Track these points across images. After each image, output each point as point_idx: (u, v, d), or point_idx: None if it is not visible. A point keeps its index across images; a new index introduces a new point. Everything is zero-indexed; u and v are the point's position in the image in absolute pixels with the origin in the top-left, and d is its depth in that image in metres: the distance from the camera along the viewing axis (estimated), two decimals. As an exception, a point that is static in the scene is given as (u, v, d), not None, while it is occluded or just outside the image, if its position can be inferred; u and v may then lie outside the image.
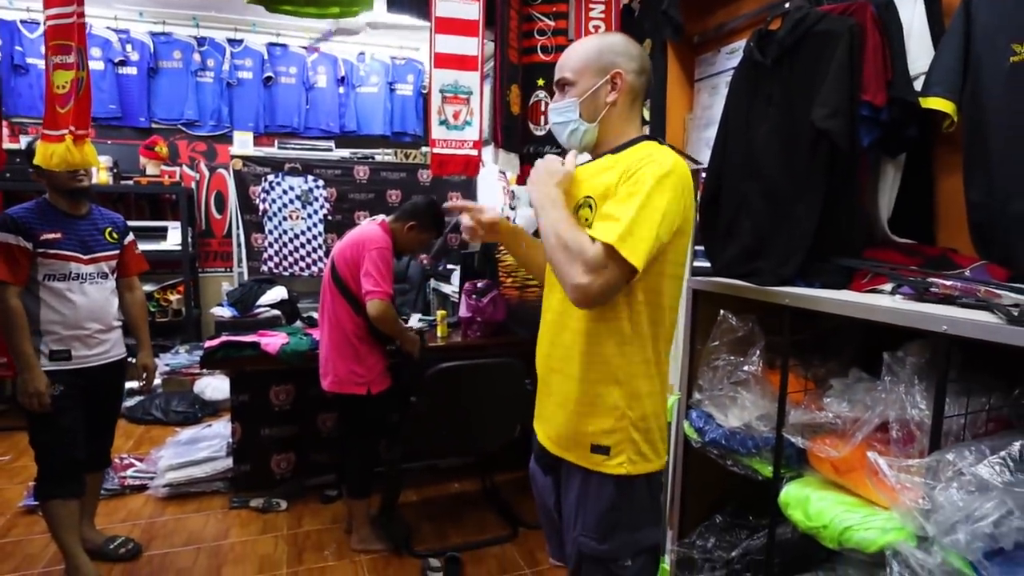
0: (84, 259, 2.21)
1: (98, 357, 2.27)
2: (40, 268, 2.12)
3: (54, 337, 2.16)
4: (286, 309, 3.39)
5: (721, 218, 1.67)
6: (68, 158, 1.99)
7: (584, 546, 1.31)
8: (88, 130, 2.04)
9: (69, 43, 1.94)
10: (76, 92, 1.96)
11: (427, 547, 2.63)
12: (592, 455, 1.28)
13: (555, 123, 1.37)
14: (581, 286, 1.13)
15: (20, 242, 2.07)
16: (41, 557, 2.51)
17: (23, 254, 2.08)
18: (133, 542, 2.57)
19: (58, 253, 2.14)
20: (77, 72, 1.96)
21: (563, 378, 1.32)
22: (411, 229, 2.54)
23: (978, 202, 1.31)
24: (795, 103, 1.46)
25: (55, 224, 2.16)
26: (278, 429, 3.06)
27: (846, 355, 1.46)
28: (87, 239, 2.24)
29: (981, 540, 0.94)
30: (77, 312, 2.19)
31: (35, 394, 2.08)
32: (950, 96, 1.34)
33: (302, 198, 4.64)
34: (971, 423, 1.11)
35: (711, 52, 2.24)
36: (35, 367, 2.08)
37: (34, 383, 2.07)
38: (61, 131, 1.96)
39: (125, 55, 4.78)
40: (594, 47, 1.33)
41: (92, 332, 2.24)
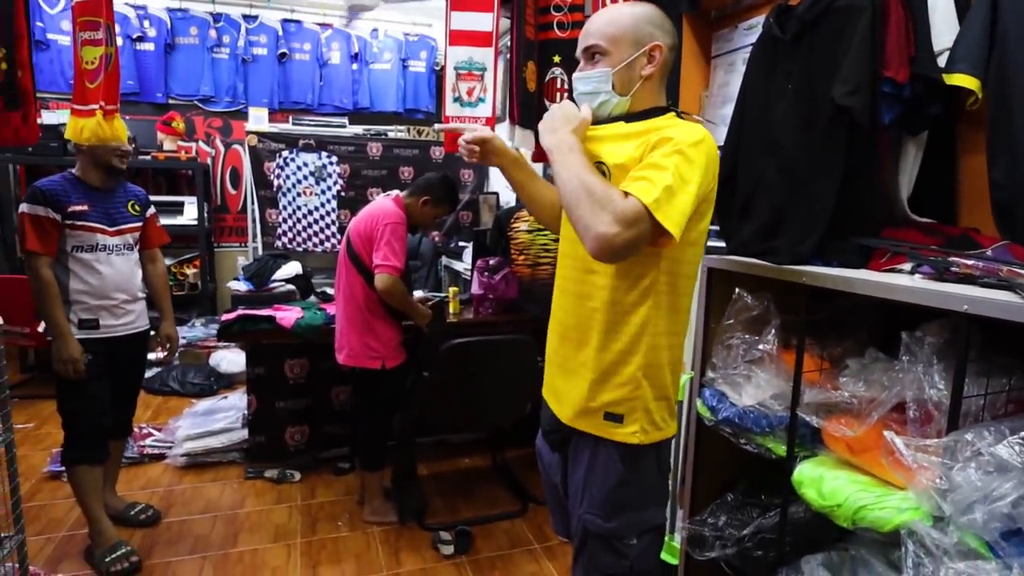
0: (110, 231, 2.26)
1: (124, 327, 2.33)
2: (68, 239, 2.17)
3: (82, 306, 2.21)
4: (300, 284, 3.42)
5: (737, 196, 1.65)
6: (99, 132, 2.02)
7: (590, 523, 1.31)
8: (117, 105, 2.07)
9: (98, 19, 1.95)
10: (105, 67, 1.98)
11: (438, 521, 2.67)
12: (604, 423, 1.28)
13: (582, 92, 1.30)
14: (607, 236, 1.06)
15: (49, 213, 2.11)
16: (65, 521, 2.58)
17: (52, 225, 2.12)
18: (153, 508, 2.63)
19: (85, 225, 2.19)
20: (106, 48, 1.97)
21: (580, 347, 1.30)
22: (425, 204, 2.55)
23: (1002, 181, 1.28)
24: (815, 80, 1.43)
25: (82, 197, 2.20)
26: (292, 402, 3.10)
27: (863, 335, 1.44)
28: (112, 212, 2.28)
29: (998, 520, 0.94)
30: (104, 282, 2.24)
31: (69, 361, 2.13)
32: (975, 73, 1.31)
33: (316, 174, 4.65)
34: (990, 404, 1.10)
35: (728, 28, 2.20)
36: (68, 335, 2.13)
37: (68, 350, 2.12)
38: (91, 106, 1.99)
39: (143, 31, 4.79)
40: (630, 16, 1.28)
41: (119, 302, 2.29)
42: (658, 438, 1.29)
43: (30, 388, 4.19)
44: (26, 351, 4.41)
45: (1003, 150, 1.28)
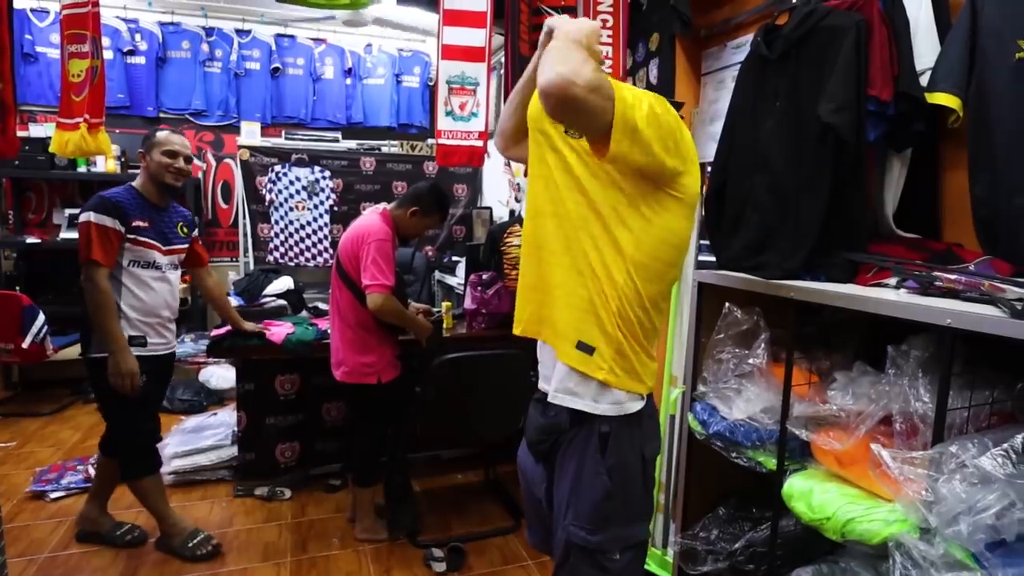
0: (163, 249, 2.30)
1: (165, 346, 2.37)
2: (126, 253, 2.18)
3: (131, 323, 2.22)
4: (292, 299, 3.41)
5: (727, 211, 1.68)
6: (83, 146, 2.02)
7: (574, 536, 1.30)
8: (102, 119, 2.07)
9: (84, 32, 1.96)
10: (91, 80, 1.98)
11: (430, 537, 2.65)
12: (575, 351, 1.25)
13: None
14: (567, 77, 1.00)
15: (116, 225, 2.12)
16: (47, 542, 2.54)
17: (117, 237, 2.13)
18: (139, 529, 2.60)
19: (145, 241, 2.21)
20: (92, 61, 1.98)
21: (565, 281, 1.27)
22: (414, 214, 2.54)
23: (983, 197, 1.31)
24: (801, 98, 1.46)
25: (143, 212, 2.22)
26: (283, 418, 3.09)
27: (850, 348, 1.46)
28: (166, 231, 2.32)
29: (983, 531, 0.95)
30: (154, 299, 2.27)
31: (128, 374, 2.12)
32: (956, 92, 1.35)
33: (308, 189, 4.66)
34: (974, 416, 1.12)
35: (718, 47, 2.24)
36: (126, 348, 2.13)
37: (128, 363, 2.12)
38: (76, 119, 1.98)
39: (134, 44, 4.79)
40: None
41: (164, 320, 2.34)
42: (628, 387, 1.26)
43: (13, 406, 4.14)
44: (10, 368, 4.37)
45: (983, 167, 1.31)
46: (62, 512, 2.79)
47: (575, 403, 1.28)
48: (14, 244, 4.43)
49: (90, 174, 4.49)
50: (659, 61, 2.19)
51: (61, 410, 4.12)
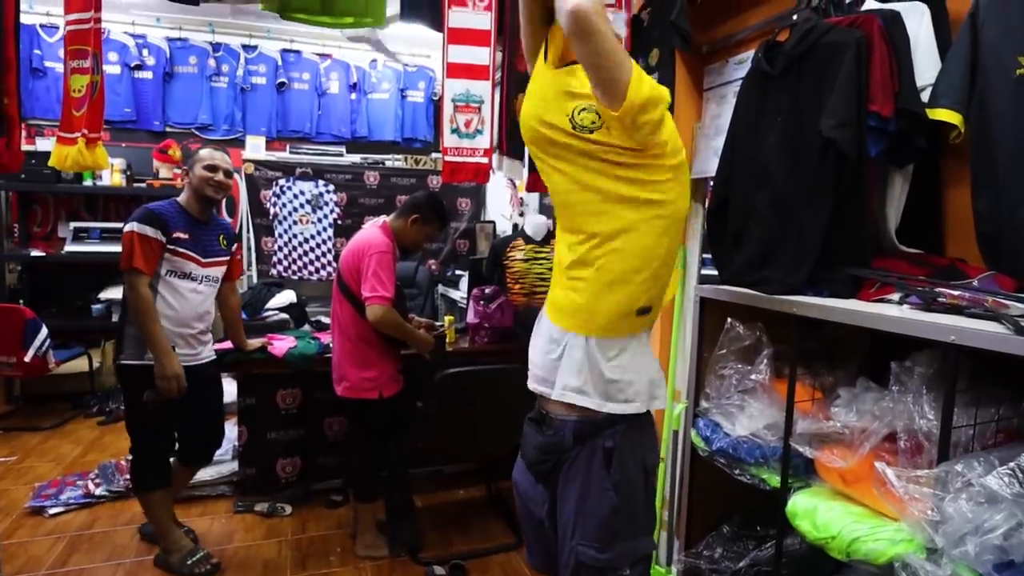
0: (202, 261, 2.34)
1: (195, 357, 2.38)
2: (164, 263, 2.24)
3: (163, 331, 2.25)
4: (295, 313, 3.41)
5: (729, 226, 1.67)
6: (80, 160, 2.04)
7: (584, 555, 1.29)
8: (100, 133, 2.09)
9: (86, 48, 1.98)
10: (90, 96, 1.99)
11: (432, 554, 2.62)
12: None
13: None
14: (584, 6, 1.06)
15: (158, 235, 2.19)
16: (45, 560, 2.52)
17: (159, 247, 2.20)
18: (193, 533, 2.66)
19: (184, 252, 2.27)
20: (92, 76, 2.00)
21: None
22: (415, 223, 2.53)
23: (985, 212, 1.30)
24: (803, 113, 1.47)
25: (184, 224, 2.29)
26: (284, 433, 3.07)
27: (854, 364, 1.45)
28: (206, 243, 2.37)
29: (991, 552, 0.94)
30: (187, 310, 2.30)
31: (174, 376, 2.18)
32: (957, 108, 1.34)
33: (312, 203, 4.68)
34: (980, 434, 1.11)
35: (720, 62, 2.25)
36: (170, 351, 2.19)
37: (172, 366, 2.18)
38: (75, 134, 1.99)
39: (141, 60, 4.85)
40: None
41: (196, 332, 2.36)
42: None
43: (14, 420, 4.13)
44: (11, 381, 4.37)
45: (986, 182, 1.31)
46: (60, 528, 2.77)
47: (583, 401, 1.27)
48: (18, 257, 4.46)
49: (96, 188, 4.52)
50: (658, 76, 2.20)
51: (62, 424, 4.11)
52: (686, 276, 2.33)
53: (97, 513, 2.93)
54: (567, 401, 1.28)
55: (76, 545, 2.64)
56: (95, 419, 4.21)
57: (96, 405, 4.34)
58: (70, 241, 4.50)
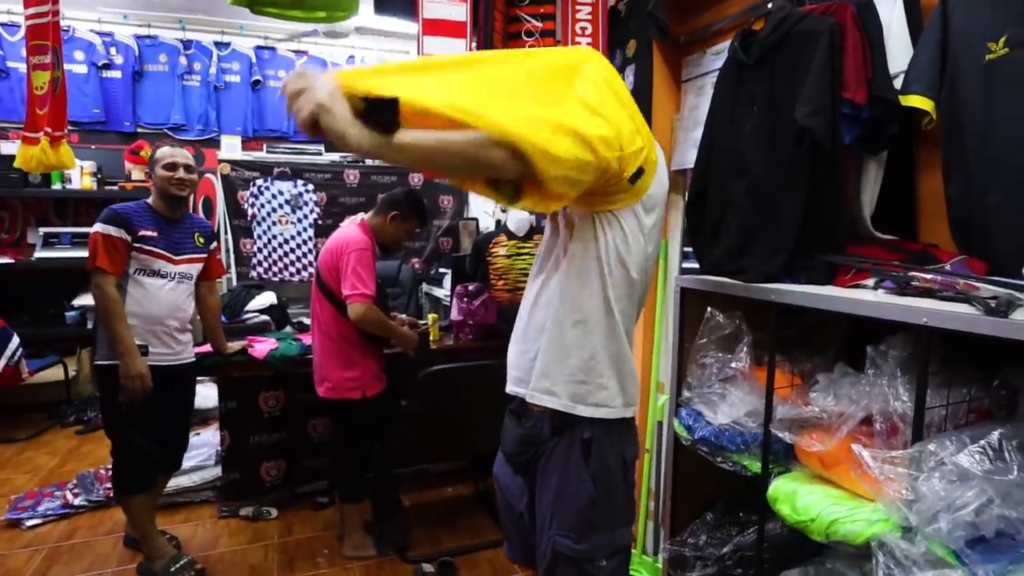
0: (173, 259, 2.34)
1: (172, 356, 2.36)
2: (133, 262, 2.25)
3: (133, 331, 2.23)
4: (275, 314, 3.37)
5: (708, 217, 1.68)
6: (43, 160, 1.99)
7: (560, 545, 1.29)
8: (64, 131, 2.04)
9: (45, 43, 1.93)
10: (52, 93, 1.95)
11: (420, 552, 2.62)
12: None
13: None
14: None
15: (122, 235, 2.20)
16: (23, 572, 2.47)
17: (123, 245, 2.20)
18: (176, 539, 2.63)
19: (151, 250, 2.27)
20: (53, 72, 1.95)
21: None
22: (394, 220, 2.52)
23: (957, 197, 1.33)
24: (778, 102, 1.48)
25: (152, 223, 2.29)
26: (267, 436, 3.04)
27: (831, 350, 1.47)
28: (177, 242, 2.37)
29: (963, 528, 0.95)
30: (158, 308, 2.30)
31: (137, 375, 2.17)
32: (929, 94, 1.36)
33: (291, 202, 4.63)
34: (953, 414, 1.13)
35: (697, 53, 2.26)
36: (135, 351, 2.17)
37: (136, 365, 2.17)
38: (38, 133, 1.95)
39: (109, 58, 4.76)
40: None
41: (170, 330, 2.34)
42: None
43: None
44: (-11, 389, 4.28)
45: (957, 168, 1.33)
46: (39, 540, 2.72)
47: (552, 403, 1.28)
48: (-13, 265, 4.36)
49: (65, 191, 4.43)
50: (636, 67, 2.20)
51: (38, 435, 4.03)
52: (667, 269, 2.35)
53: (76, 524, 2.88)
54: (537, 403, 1.31)
55: (55, 557, 2.59)
56: (72, 428, 4.13)
57: (73, 414, 4.26)
58: (40, 247, 4.39)
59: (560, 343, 1.28)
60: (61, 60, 2.08)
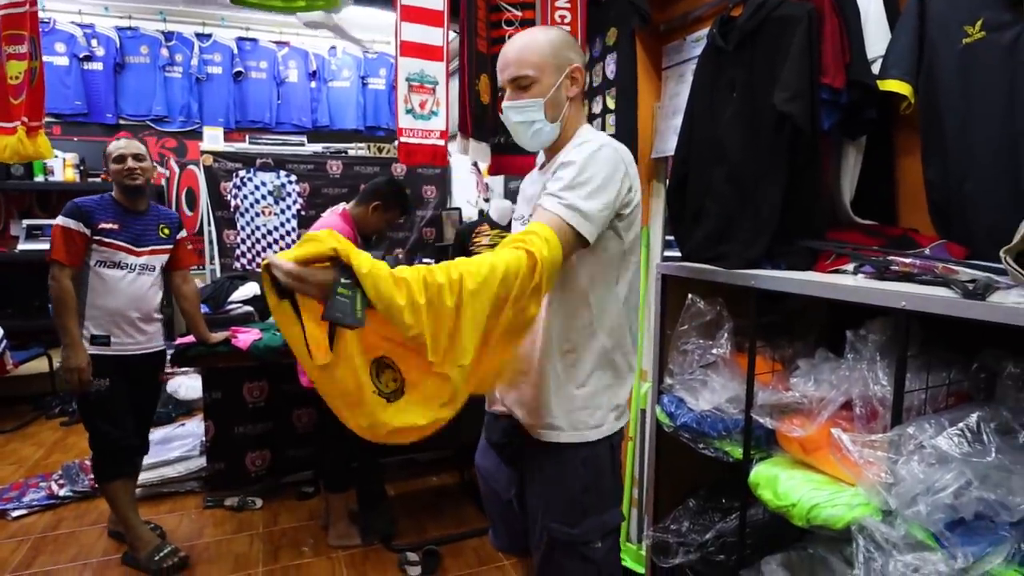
0: (135, 251, 2.35)
1: (136, 346, 2.38)
2: (93, 254, 2.27)
3: (96, 322, 2.29)
4: (259, 305, 3.34)
5: (689, 204, 1.68)
6: (20, 150, 1.98)
7: (556, 532, 1.31)
8: (41, 122, 2.02)
9: (22, 32, 1.90)
10: (29, 83, 1.92)
11: (405, 541, 2.62)
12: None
13: (517, 122, 1.32)
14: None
15: (80, 228, 2.22)
16: (9, 562, 2.46)
17: (81, 239, 2.23)
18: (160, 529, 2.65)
19: (111, 243, 2.28)
20: (30, 62, 1.92)
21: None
22: (376, 210, 2.50)
23: (936, 181, 1.33)
24: (757, 88, 1.47)
25: (114, 216, 2.31)
26: (252, 426, 3.03)
27: (812, 335, 1.47)
28: (140, 234, 2.38)
29: (942, 511, 0.96)
30: (120, 299, 2.32)
31: (75, 369, 2.20)
32: (907, 78, 1.36)
33: (274, 193, 4.58)
34: (932, 398, 1.13)
35: (678, 40, 2.25)
36: (78, 344, 2.21)
37: (75, 359, 2.20)
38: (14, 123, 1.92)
39: (90, 50, 4.69)
40: (548, 42, 1.30)
41: (133, 320, 2.36)
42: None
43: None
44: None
45: (935, 152, 1.33)
46: (24, 531, 2.71)
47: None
48: (-31, 258, 4.30)
49: (48, 183, 4.38)
50: (616, 56, 2.18)
51: (23, 427, 4.00)
52: (649, 256, 2.34)
53: (62, 514, 2.87)
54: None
55: (41, 547, 2.58)
56: (57, 420, 4.11)
57: (58, 406, 4.23)
58: (23, 239, 4.36)
59: (554, 377, 1.30)
60: (39, 51, 2.06)
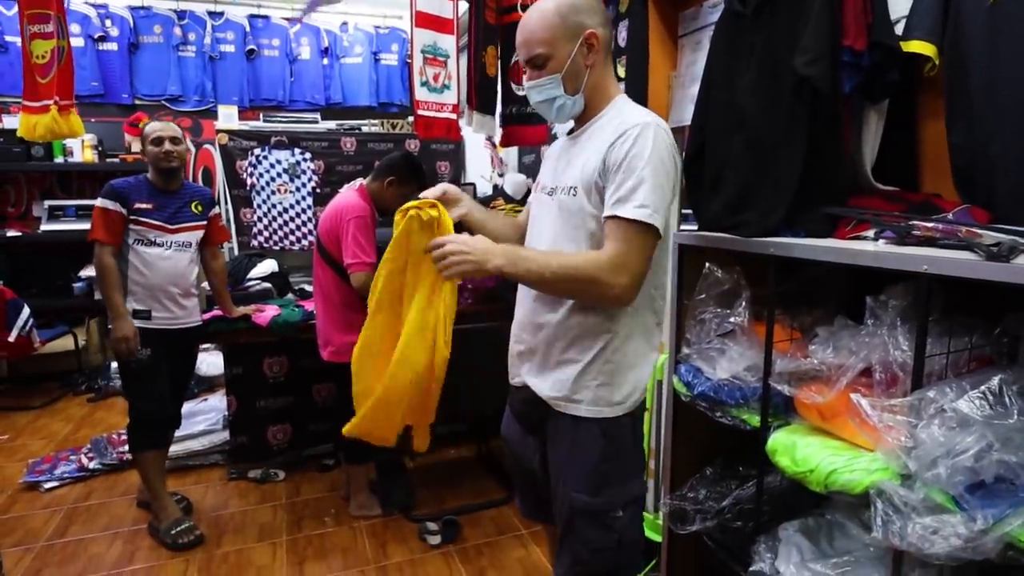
0: (170, 228, 2.44)
1: (175, 320, 2.48)
2: (131, 233, 2.37)
3: (136, 297, 2.39)
4: (277, 282, 3.38)
5: (707, 172, 1.65)
6: (55, 128, 2.01)
7: (577, 501, 1.32)
8: (72, 100, 2.05)
9: (47, 12, 1.91)
10: (57, 61, 1.93)
11: (425, 512, 2.66)
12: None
13: (538, 102, 1.33)
14: (618, 294, 1.21)
15: (118, 207, 2.33)
16: (43, 531, 2.54)
17: (119, 218, 2.33)
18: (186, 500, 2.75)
19: (147, 221, 2.38)
20: (57, 41, 1.93)
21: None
22: (391, 184, 2.50)
23: (960, 144, 1.30)
24: (777, 52, 1.43)
25: (148, 196, 2.41)
26: (273, 400, 3.08)
27: (832, 303, 1.46)
28: (175, 212, 2.46)
29: (962, 474, 0.95)
30: (158, 275, 2.41)
31: (123, 339, 2.31)
32: (931, 39, 1.33)
33: (289, 171, 4.59)
34: (953, 363, 1.12)
35: (694, 7, 2.21)
36: (124, 315, 2.32)
37: (122, 329, 2.31)
38: (44, 102, 1.94)
39: (105, 31, 4.70)
40: (554, 11, 1.27)
41: (172, 295, 2.45)
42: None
43: (3, 400, 4.12)
44: (-1, 362, 4.34)
45: (960, 114, 1.30)
46: (56, 502, 2.79)
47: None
48: (-6, 238, 4.38)
49: (67, 164, 4.43)
50: (628, 23, 2.14)
51: (52, 403, 4.10)
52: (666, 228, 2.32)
53: (92, 486, 2.95)
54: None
55: (73, 517, 2.66)
56: (84, 396, 4.21)
57: (84, 383, 4.33)
58: (46, 220, 4.42)
59: (578, 353, 1.33)
60: (66, 29, 2.09)
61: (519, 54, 1.32)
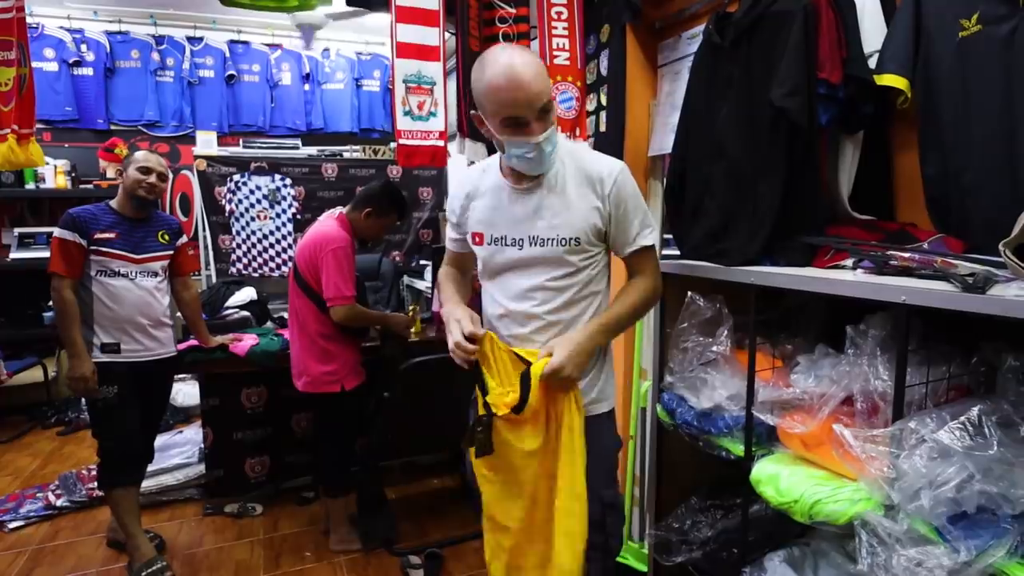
0: (135, 258, 2.35)
1: (147, 352, 2.39)
2: (92, 264, 2.27)
3: (104, 329, 2.29)
4: (255, 310, 3.33)
5: (687, 201, 1.68)
6: (11, 158, 1.97)
7: (607, 497, 1.45)
8: (32, 129, 2.01)
9: (10, 39, 1.89)
10: (19, 90, 1.90)
11: (407, 545, 2.60)
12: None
13: (550, 153, 1.32)
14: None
15: (76, 239, 2.23)
16: (7, 574, 2.44)
17: (78, 250, 2.24)
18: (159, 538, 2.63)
19: (109, 251, 2.28)
20: (19, 69, 1.90)
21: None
22: (368, 216, 2.48)
23: (933, 176, 1.33)
24: (754, 84, 1.47)
25: (111, 225, 2.31)
26: (251, 432, 3.01)
27: (812, 332, 1.47)
28: (139, 240, 2.37)
29: (944, 505, 0.96)
30: (126, 305, 2.32)
31: (80, 378, 2.21)
32: (903, 72, 1.36)
33: (269, 197, 4.56)
34: (933, 392, 1.13)
35: (673, 38, 2.25)
36: (82, 354, 2.22)
37: (80, 368, 2.21)
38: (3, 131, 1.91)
39: (80, 55, 4.66)
40: (535, 61, 1.29)
41: (141, 327, 2.36)
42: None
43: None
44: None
45: (933, 146, 1.33)
46: (22, 542, 2.68)
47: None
48: (-39, 267, 4.27)
49: (39, 191, 4.35)
50: (609, 53, 2.18)
51: (19, 437, 3.97)
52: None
53: (59, 525, 2.84)
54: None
55: (38, 558, 2.56)
56: (54, 429, 4.08)
57: (54, 415, 4.20)
58: (15, 248, 4.32)
59: (599, 356, 1.48)
60: (28, 57, 2.05)
61: (519, 113, 1.26)
